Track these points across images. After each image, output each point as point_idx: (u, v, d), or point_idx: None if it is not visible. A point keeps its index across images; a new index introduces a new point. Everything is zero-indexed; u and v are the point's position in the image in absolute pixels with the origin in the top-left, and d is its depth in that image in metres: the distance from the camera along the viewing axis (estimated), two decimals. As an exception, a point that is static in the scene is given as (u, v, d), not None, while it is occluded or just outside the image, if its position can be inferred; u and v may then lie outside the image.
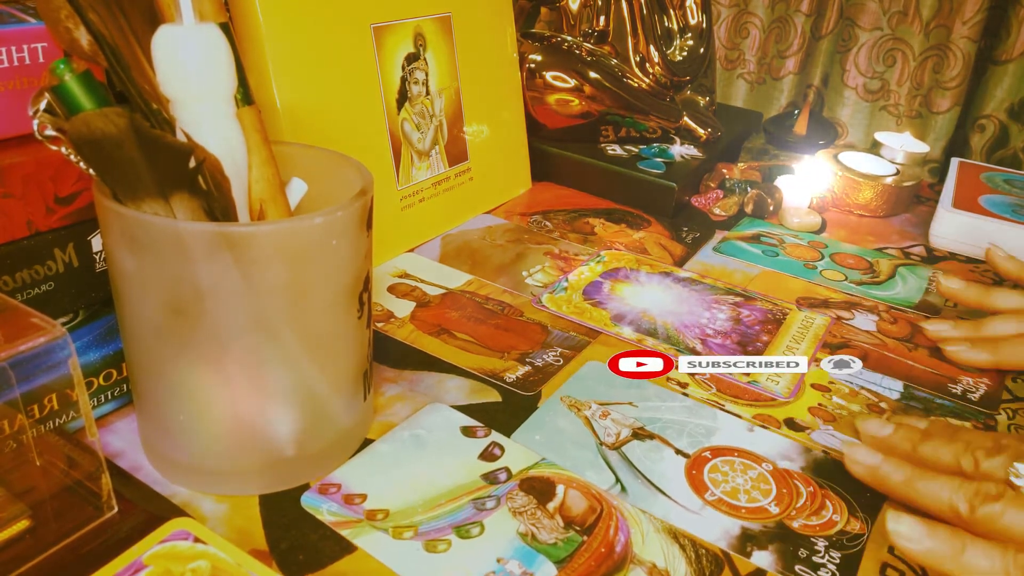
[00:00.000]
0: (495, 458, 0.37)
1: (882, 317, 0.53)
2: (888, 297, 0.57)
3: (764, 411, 0.42)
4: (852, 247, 0.64)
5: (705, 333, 0.49)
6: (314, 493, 0.34)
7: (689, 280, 0.56)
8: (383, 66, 0.53)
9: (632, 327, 0.49)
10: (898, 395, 0.45)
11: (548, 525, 0.33)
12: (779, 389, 0.44)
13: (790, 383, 0.45)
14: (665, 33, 0.76)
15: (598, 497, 0.35)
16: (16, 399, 0.28)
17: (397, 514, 0.33)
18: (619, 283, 0.54)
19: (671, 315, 0.51)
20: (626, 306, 0.51)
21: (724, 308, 0.52)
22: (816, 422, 0.41)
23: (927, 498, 0.34)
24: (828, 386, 0.45)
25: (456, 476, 0.35)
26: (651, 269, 0.57)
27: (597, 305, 0.51)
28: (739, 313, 0.52)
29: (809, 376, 0.45)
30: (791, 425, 0.41)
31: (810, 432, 0.41)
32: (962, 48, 0.98)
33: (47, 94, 0.28)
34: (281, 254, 0.29)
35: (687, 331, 0.49)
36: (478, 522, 0.33)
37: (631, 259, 0.58)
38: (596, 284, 0.54)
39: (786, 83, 1.13)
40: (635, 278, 0.55)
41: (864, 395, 0.44)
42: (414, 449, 0.37)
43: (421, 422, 0.39)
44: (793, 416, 0.42)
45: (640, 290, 0.54)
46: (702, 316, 0.51)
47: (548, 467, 0.36)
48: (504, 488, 0.35)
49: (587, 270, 0.56)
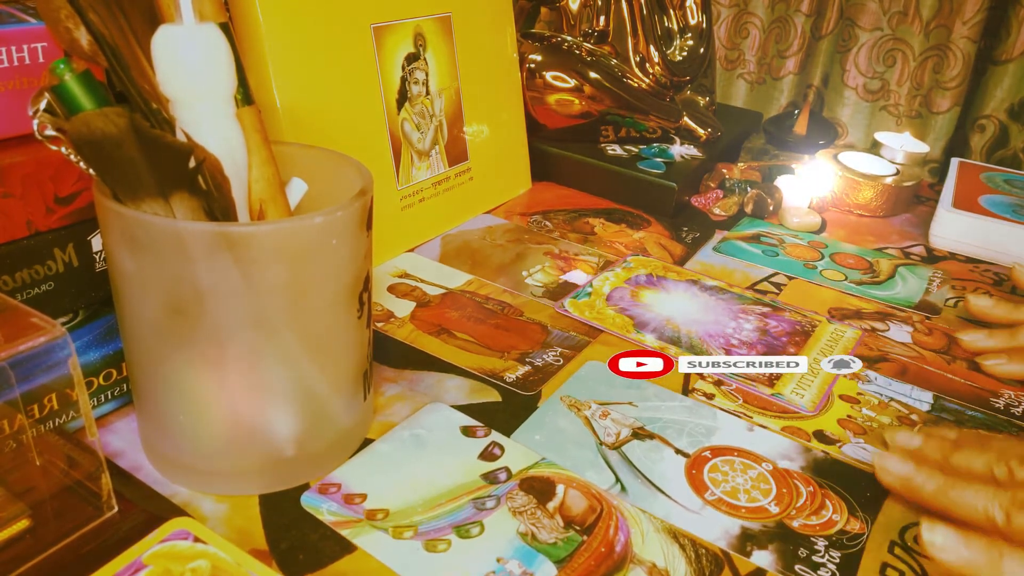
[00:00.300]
0: (495, 458, 0.37)
1: (917, 328, 0.52)
2: (888, 297, 0.56)
3: (793, 423, 0.41)
4: (852, 247, 0.64)
5: (730, 343, 0.48)
6: (314, 493, 0.34)
7: (716, 288, 0.55)
8: (383, 66, 0.53)
9: (655, 335, 0.48)
10: (928, 407, 0.44)
11: (548, 525, 0.33)
12: (804, 403, 0.43)
13: (815, 396, 0.44)
14: (665, 33, 0.76)
15: (598, 497, 0.35)
16: (16, 399, 0.28)
17: (397, 514, 0.33)
18: (644, 289, 0.54)
19: (696, 323, 0.50)
20: (651, 313, 0.51)
21: (751, 318, 0.51)
22: (847, 435, 0.41)
23: (962, 508, 0.33)
24: (857, 398, 0.44)
25: (456, 476, 0.35)
26: (678, 276, 0.56)
27: (622, 312, 0.51)
28: (766, 324, 0.51)
29: (837, 387, 0.45)
30: (821, 438, 0.40)
31: (840, 445, 0.40)
32: (962, 48, 0.98)
33: (47, 94, 0.28)
34: (281, 254, 0.29)
35: (711, 340, 0.48)
36: (478, 522, 0.33)
37: (658, 265, 0.57)
38: (621, 290, 0.53)
39: (786, 83, 1.13)
40: (661, 285, 0.54)
41: (894, 407, 0.44)
42: (414, 449, 0.37)
43: (421, 422, 0.39)
44: (823, 428, 0.41)
45: (665, 297, 0.53)
46: (727, 326, 0.50)
47: (548, 467, 0.36)
48: (504, 488, 0.35)
49: (612, 275, 0.55)
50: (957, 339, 0.50)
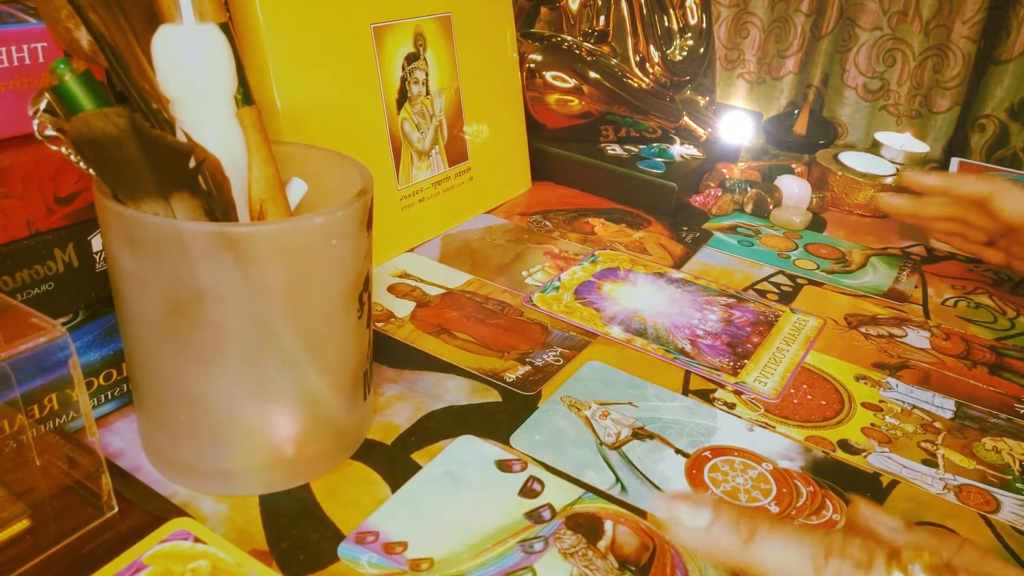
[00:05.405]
0: (536, 494, 0.35)
1: (934, 333, 0.52)
2: (858, 285, 0.58)
3: (816, 432, 0.41)
4: (827, 237, 0.66)
5: (695, 334, 0.49)
6: (351, 543, 0.32)
7: (682, 281, 0.56)
8: (383, 66, 0.53)
9: (622, 327, 0.49)
10: (951, 414, 0.44)
11: (602, 567, 0.31)
12: (767, 391, 0.44)
13: (778, 384, 0.44)
14: (665, 33, 0.76)
15: (648, 532, 0.33)
16: (16, 399, 0.28)
17: (442, 563, 0.31)
18: (612, 283, 0.54)
19: (662, 316, 0.51)
20: (618, 306, 0.51)
21: (716, 309, 0.52)
22: (871, 444, 0.40)
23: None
24: (879, 406, 0.44)
25: (497, 516, 0.33)
26: (646, 269, 0.57)
27: (588, 305, 0.51)
28: (731, 315, 0.52)
29: (859, 395, 0.44)
30: (845, 447, 0.40)
31: (866, 455, 0.40)
32: (962, 48, 0.98)
33: (47, 94, 0.28)
34: (281, 254, 0.29)
35: (677, 332, 0.49)
36: (529, 567, 0.31)
37: (625, 259, 0.58)
38: (588, 284, 0.54)
39: (786, 83, 1.13)
40: (629, 278, 0.55)
41: (917, 414, 0.43)
42: (449, 488, 0.35)
43: (453, 457, 0.37)
44: (847, 438, 0.41)
45: (633, 290, 0.54)
46: (693, 317, 0.51)
47: (592, 502, 0.35)
48: (550, 527, 0.33)
49: (580, 269, 0.55)
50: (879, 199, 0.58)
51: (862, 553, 0.25)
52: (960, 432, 0.42)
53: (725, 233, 0.65)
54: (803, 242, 0.65)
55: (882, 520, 0.29)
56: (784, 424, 0.41)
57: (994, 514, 0.37)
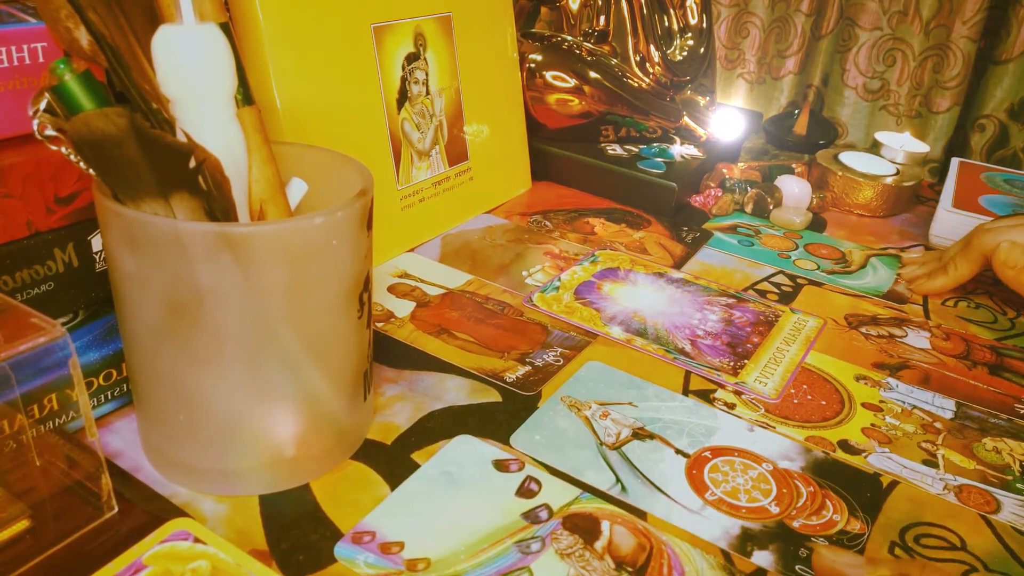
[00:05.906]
0: (533, 494, 0.35)
1: (934, 333, 0.52)
2: (858, 286, 0.57)
3: (816, 433, 0.41)
4: (827, 238, 0.66)
5: (695, 334, 0.49)
6: (347, 543, 0.32)
7: (682, 281, 0.56)
8: (383, 66, 0.53)
9: (622, 327, 0.49)
10: (951, 414, 0.44)
11: (599, 568, 0.31)
12: (767, 391, 0.44)
13: (779, 384, 0.44)
14: (665, 33, 0.76)
15: (644, 532, 0.33)
16: (16, 399, 0.28)
17: (439, 563, 0.31)
18: (612, 283, 0.54)
19: (662, 316, 0.51)
20: (618, 306, 0.51)
21: (716, 309, 0.52)
22: (872, 444, 0.40)
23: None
24: (880, 406, 0.44)
25: (494, 516, 0.33)
26: (646, 270, 0.56)
27: (588, 305, 0.51)
28: (731, 315, 0.52)
29: (859, 395, 0.44)
30: (845, 448, 0.40)
31: (866, 455, 0.40)
32: (962, 48, 0.98)
33: (47, 94, 0.28)
34: (281, 254, 0.29)
35: (677, 332, 0.49)
36: (526, 567, 0.31)
37: (625, 259, 0.58)
38: (588, 284, 0.54)
39: (786, 83, 1.13)
40: (629, 278, 0.55)
41: (918, 415, 0.43)
42: (446, 488, 0.35)
43: (449, 457, 0.37)
44: (847, 438, 0.41)
45: (633, 290, 0.53)
46: (693, 317, 0.51)
47: (589, 502, 0.35)
48: (547, 527, 0.33)
49: (580, 269, 0.55)
50: (899, 276, 0.57)
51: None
52: (960, 432, 0.42)
53: (725, 233, 0.65)
54: (803, 242, 0.64)
55: (846, 560, 0.33)
56: (784, 424, 0.41)
57: (994, 514, 0.37)
